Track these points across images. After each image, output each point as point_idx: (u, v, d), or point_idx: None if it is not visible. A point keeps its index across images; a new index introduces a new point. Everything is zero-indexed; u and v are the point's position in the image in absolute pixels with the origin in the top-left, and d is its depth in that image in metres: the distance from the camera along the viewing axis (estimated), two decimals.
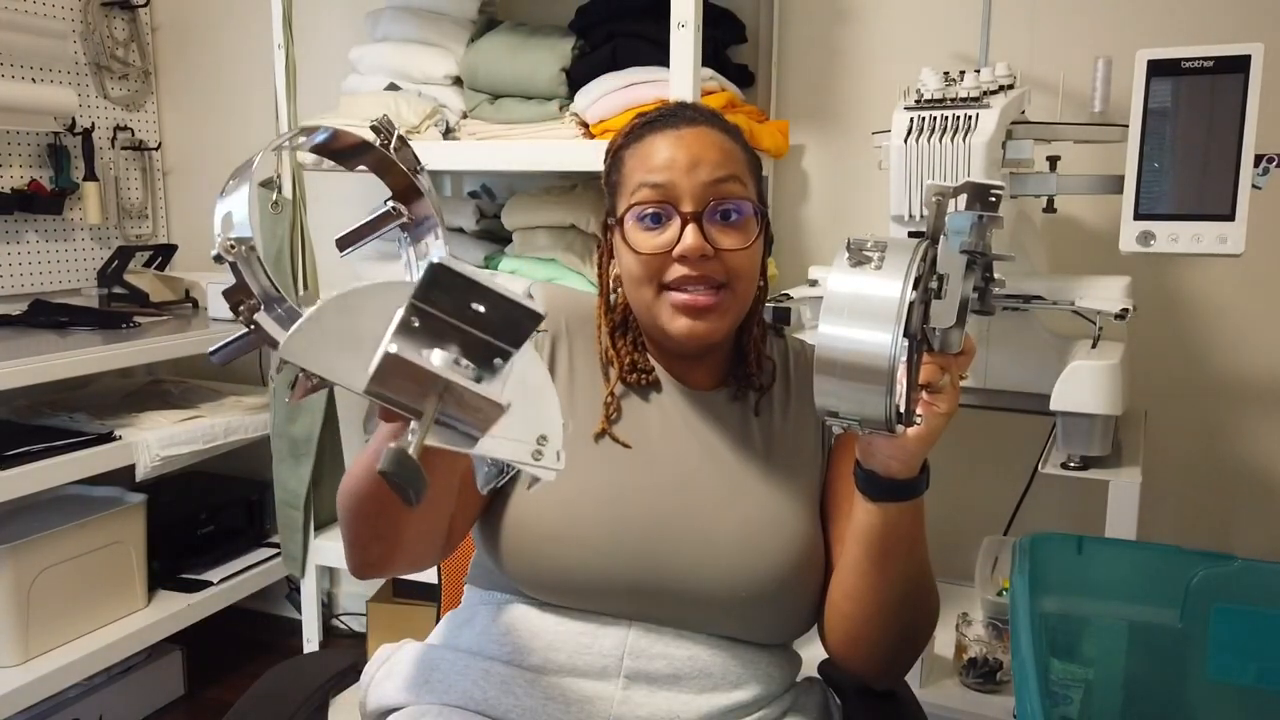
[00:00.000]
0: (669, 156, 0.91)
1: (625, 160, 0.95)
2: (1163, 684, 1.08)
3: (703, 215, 0.89)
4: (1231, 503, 1.68)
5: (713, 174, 0.90)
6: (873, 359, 0.65)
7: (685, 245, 0.88)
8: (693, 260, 0.89)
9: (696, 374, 0.99)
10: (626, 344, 0.98)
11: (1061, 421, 1.29)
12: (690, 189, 0.90)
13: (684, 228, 0.89)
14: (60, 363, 1.73)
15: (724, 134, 0.94)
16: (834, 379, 0.67)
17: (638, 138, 0.95)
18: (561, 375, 0.97)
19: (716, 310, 0.91)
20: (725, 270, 0.90)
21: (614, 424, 0.95)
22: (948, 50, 1.74)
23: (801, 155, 1.90)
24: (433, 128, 1.77)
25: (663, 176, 0.90)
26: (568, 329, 0.99)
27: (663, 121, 0.94)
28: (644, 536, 0.89)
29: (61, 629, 1.82)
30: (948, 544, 1.81)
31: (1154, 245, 1.23)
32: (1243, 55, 1.15)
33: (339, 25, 2.18)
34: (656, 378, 0.98)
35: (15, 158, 2.20)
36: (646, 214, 0.91)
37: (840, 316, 0.66)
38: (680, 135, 0.92)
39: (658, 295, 0.92)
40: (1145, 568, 1.08)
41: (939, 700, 1.39)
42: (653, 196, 0.90)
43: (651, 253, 0.90)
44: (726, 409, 0.99)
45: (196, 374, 2.40)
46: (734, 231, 0.91)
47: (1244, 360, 1.66)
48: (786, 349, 1.05)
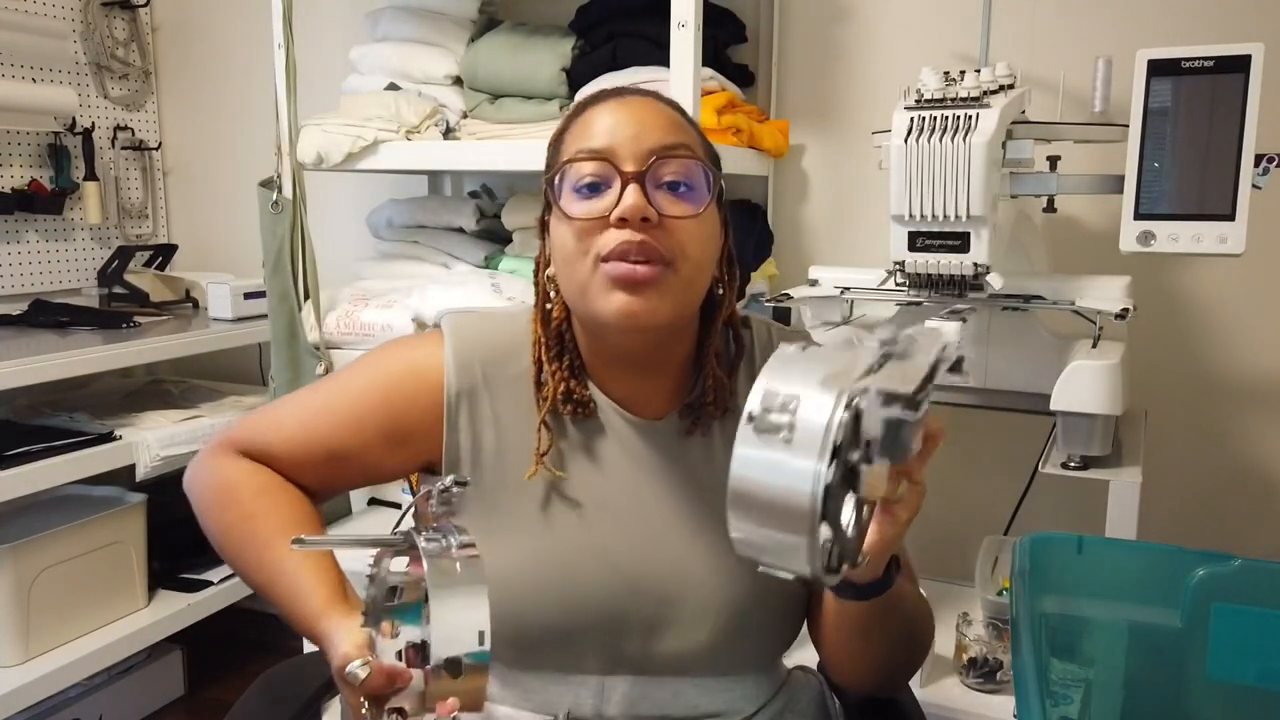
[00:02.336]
0: (610, 122, 0.81)
1: (564, 140, 0.85)
2: (1163, 684, 1.08)
3: (645, 175, 0.79)
4: (1231, 503, 1.68)
5: (661, 139, 0.80)
6: (793, 544, 0.52)
7: (624, 205, 0.78)
8: (633, 223, 0.78)
9: (645, 396, 0.89)
10: (561, 368, 0.87)
11: (1061, 421, 1.29)
12: (634, 152, 0.79)
13: (624, 188, 0.79)
14: (60, 363, 1.73)
15: (675, 109, 0.85)
16: (753, 543, 0.54)
17: (577, 114, 0.85)
18: (487, 436, 0.88)
19: (656, 286, 0.79)
20: (670, 242, 0.79)
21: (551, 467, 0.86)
22: (948, 50, 1.74)
23: (801, 155, 1.90)
24: (433, 128, 1.77)
25: (602, 141, 0.80)
26: (485, 376, 0.88)
27: (605, 94, 0.85)
28: (605, 594, 0.84)
29: (61, 629, 1.82)
30: (948, 544, 1.81)
31: (1154, 245, 1.23)
32: (1243, 55, 1.15)
33: (339, 25, 2.18)
34: (595, 409, 0.88)
35: (15, 158, 2.20)
36: (583, 182, 0.80)
37: (749, 512, 0.53)
38: (624, 102, 0.83)
39: (594, 269, 0.80)
40: (1145, 568, 1.08)
41: (939, 700, 1.39)
42: (590, 159, 0.80)
43: (587, 217, 0.80)
44: (681, 438, 0.89)
45: (196, 374, 2.40)
46: (683, 201, 0.81)
47: (1244, 360, 1.66)
48: (753, 345, 0.94)
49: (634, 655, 0.86)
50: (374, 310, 1.75)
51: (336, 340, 1.78)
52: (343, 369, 0.94)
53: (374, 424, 0.88)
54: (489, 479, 0.88)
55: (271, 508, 0.87)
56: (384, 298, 1.78)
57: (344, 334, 1.77)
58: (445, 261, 1.89)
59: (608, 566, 0.85)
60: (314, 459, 0.89)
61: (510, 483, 0.87)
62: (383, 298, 1.78)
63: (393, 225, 1.98)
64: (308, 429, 0.90)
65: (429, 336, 0.92)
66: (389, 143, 1.69)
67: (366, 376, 0.91)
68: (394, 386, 0.89)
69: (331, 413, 0.89)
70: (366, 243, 2.07)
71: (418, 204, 1.97)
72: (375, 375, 0.90)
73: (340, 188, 2.23)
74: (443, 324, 0.91)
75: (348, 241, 2.19)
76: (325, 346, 1.77)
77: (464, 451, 0.88)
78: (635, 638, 0.85)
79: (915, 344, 0.60)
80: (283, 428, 0.90)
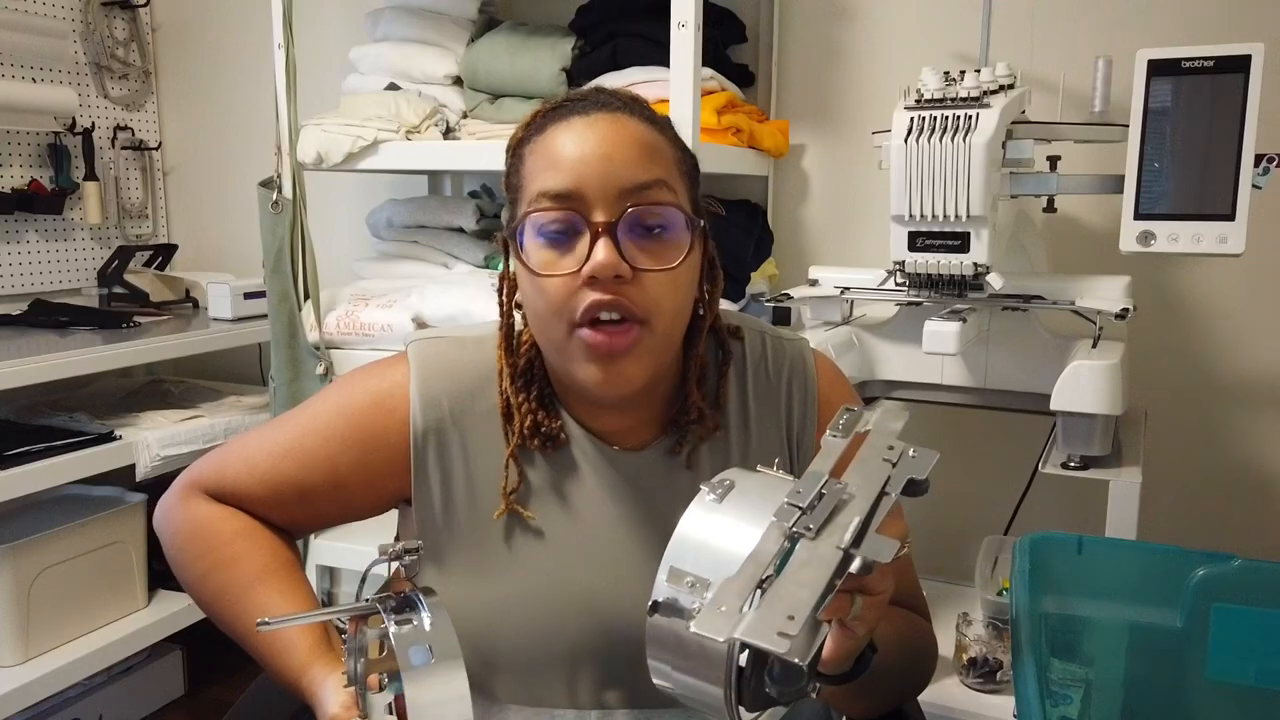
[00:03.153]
0: (576, 154, 0.73)
1: (525, 159, 0.77)
2: (1163, 684, 1.08)
3: (617, 227, 0.72)
4: (1231, 503, 1.68)
5: (633, 177, 0.73)
6: (708, 708, 0.56)
7: (595, 262, 0.71)
8: (604, 281, 0.72)
9: (624, 426, 0.84)
10: (529, 400, 0.82)
11: (1061, 421, 1.29)
12: (603, 195, 0.73)
13: (594, 242, 0.72)
14: (60, 363, 1.73)
15: (648, 125, 0.77)
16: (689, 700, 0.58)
17: (539, 129, 0.77)
18: (457, 473, 0.84)
19: (631, 352, 0.74)
20: (645, 299, 0.73)
21: (520, 503, 0.83)
22: (948, 50, 1.74)
23: (801, 155, 1.90)
24: (433, 128, 1.77)
25: (567, 181, 0.73)
26: (453, 412, 0.84)
27: (569, 108, 0.77)
28: (579, 632, 0.81)
29: (61, 629, 1.82)
30: (948, 544, 1.81)
31: (1154, 245, 1.23)
32: (1243, 55, 1.15)
33: (339, 25, 2.18)
34: (567, 441, 0.83)
35: (15, 158, 2.20)
36: (549, 229, 0.74)
37: (664, 664, 0.58)
38: (592, 124, 0.75)
39: (569, 335, 0.74)
40: (1145, 568, 1.08)
41: (939, 700, 1.39)
42: (555, 206, 0.73)
43: (554, 274, 0.73)
44: (663, 468, 0.84)
45: (196, 374, 2.40)
46: (659, 249, 0.74)
47: (1244, 360, 1.66)
48: (744, 358, 0.88)
49: (613, 690, 0.84)
50: (374, 310, 1.75)
51: (336, 340, 1.78)
52: (309, 401, 0.89)
53: (345, 462, 0.84)
54: (461, 517, 0.84)
55: (246, 554, 0.84)
56: (384, 298, 1.78)
57: (344, 334, 1.77)
58: (445, 261, 1.89)
59: (582, 604, 0.82)
60: (285, 499, 0.86)
61: (482, 520, 0.84)
62: (383, 298, 1.78)
63: (393, 225, 1.98)
64: (277, 470, 0.85)
65: (395, 366, 0.86)
66: (389, 143, 1.69)
67: (334, 413, 0.86)
68: (363, 424, 0.84)
69: (302, 452, 0.85)
70: (366, 243, 2.07)
71: (418, 204, 1.97)
72: (343, 411, 0.86)
73: (340, 188, 2.23)
74: (409, 352, 0.86)
75: (348, 241, 2.19)
76: (325, 346, 1.77)
77: (434, 490, 0.84)
78: (613, 673, 0.83)
79: (844, 492, 0.57)
80: (253, 468, 0.86)
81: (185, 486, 0.89)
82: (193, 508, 0.88)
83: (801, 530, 0.55)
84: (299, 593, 0.83)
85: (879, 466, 0.59)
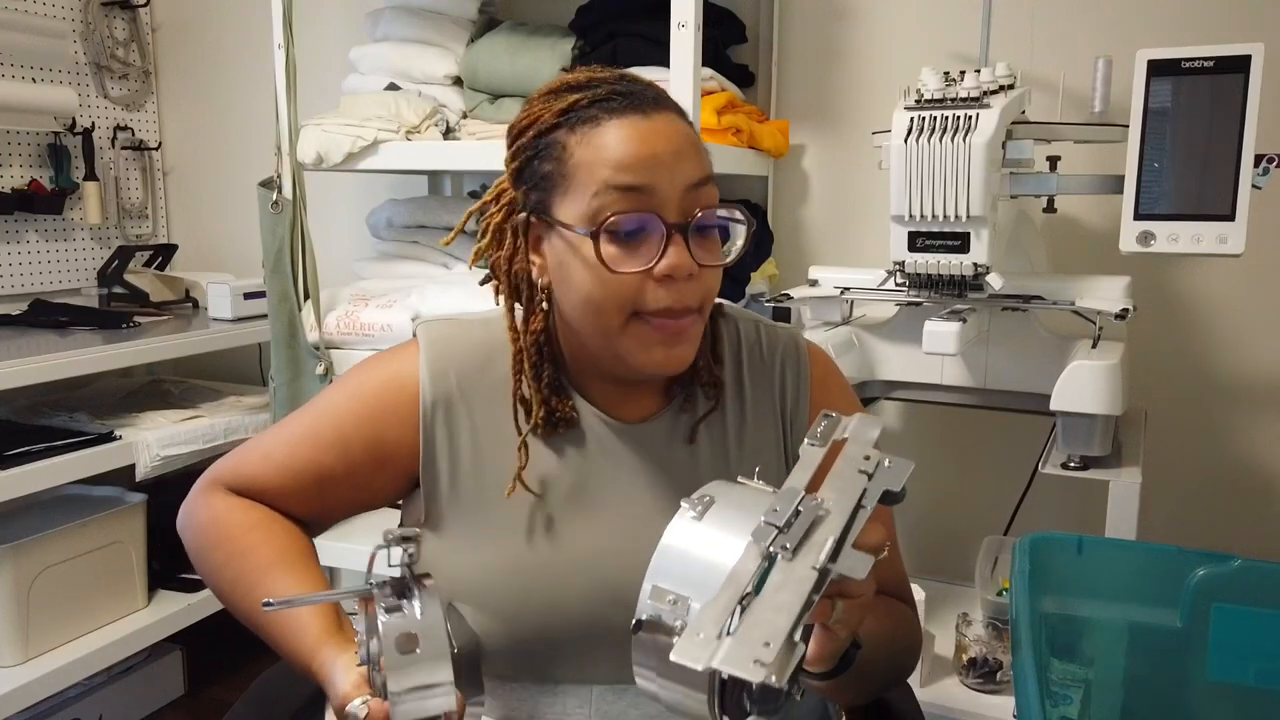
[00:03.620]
0: (647, 152, 0.75)
1: (570, 148, 0.77)
2: (1163, 684, 1.08)
3: (689, 228, 0.76)
4: (1231, 503, 1.68)
5: (694, 174, 0.76)
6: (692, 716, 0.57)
7: (672, 263, 0.75)
8: (680, 281, 0.75)
9: (630, 400, 0.87)
10: (541, 389, 0.84)
11: (1061, 421, 1.29)
12: (672, 193, 0.75)
13: (667, 243, 0.75)
14: (60, 363, 1.73)
15: (688, 124, 0.80)
16: None
17: (588, 120, 0.77)
18: (464, 445, 0.86)
19: (688, 337, 0.79)
20: (702, 291, 0.78)
21: (529, 476, 0.84)
22: (948, 50, 1.74)
23: (801, 155, 1.90)
24: (433, 128, 1.77)
25: (643, 178, 0.74)
26: (460, 386, 0.86)
27: (622, 102, 0.77)
28: (585, 601, 0.83)
29: (61, 629, 1.82)
30: (948, 544, 1.81)
31: (1154, 245, 1.23)
32: (1243, 55, 1.15)
33: (339, 25, 2.18)
34: (578, 419, 0.86)
35: (15, 158, 2.20)
36: (622, 226, 0.75)
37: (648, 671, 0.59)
38: (652, 124, 0.76)
39: (626, 324, 0.78)
40: (1145, 568, 1.08)
41: (939, 700, 1.39)
42: (631, 204, 0.75)
43: (629, 271, 0.75)
44: (665, 439, 0.87)
45: (196, 374, 2.40)
46: (710, 245, 0.79)
47: (1244, 360, 1.66)
48: (738, 336, 0.91)
49: (622, 665, 0.84)
50: (374, 310, 1.75)
51: (336, 340, 1.78)
52: (323, 392, 0.92)
53: (358, 443, 0.86)
54: (467, 488, 0.86)
55: (262, 543, 0.85)
56: (384, 298, 1.78)
57: (344, 334, 1.77)
58: (445, 261, 1.89)
59: (588, 576, 0.83)
60: (303, 486, 0.88)
61: (489, 493, 0.85)
62: (383, 298, 1.78)
63: (392, 225, 1.98)
64: (294, 456, 0.88)
65: (405, 349, 0.90)
66: (389, 143, 1.69)
67: (347, 395, 0.89)
68: (374, 403, 0.87)
69: (316, 437, 0.87)
70: (366, 243, 2.07)
71: (418, 204, 1.97)
72: (355, 394, 0.88)
73: (340, 188, 2.23)
74: (418, 333, 0.90)
75: (348, 241, 2.19)
76: (325, 346, 1.77)
77: (442, 461, 0.86)
78: (620, 646, 0.83)
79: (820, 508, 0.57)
80: (269, 458, 0.89)
81: (206, 482, 0.91)
82: (212, 501, 0.90)
83: (778, 549, 0.55)
84: (312, 579, 0.84)
85: (855, 479, 0.60)
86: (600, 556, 0.84)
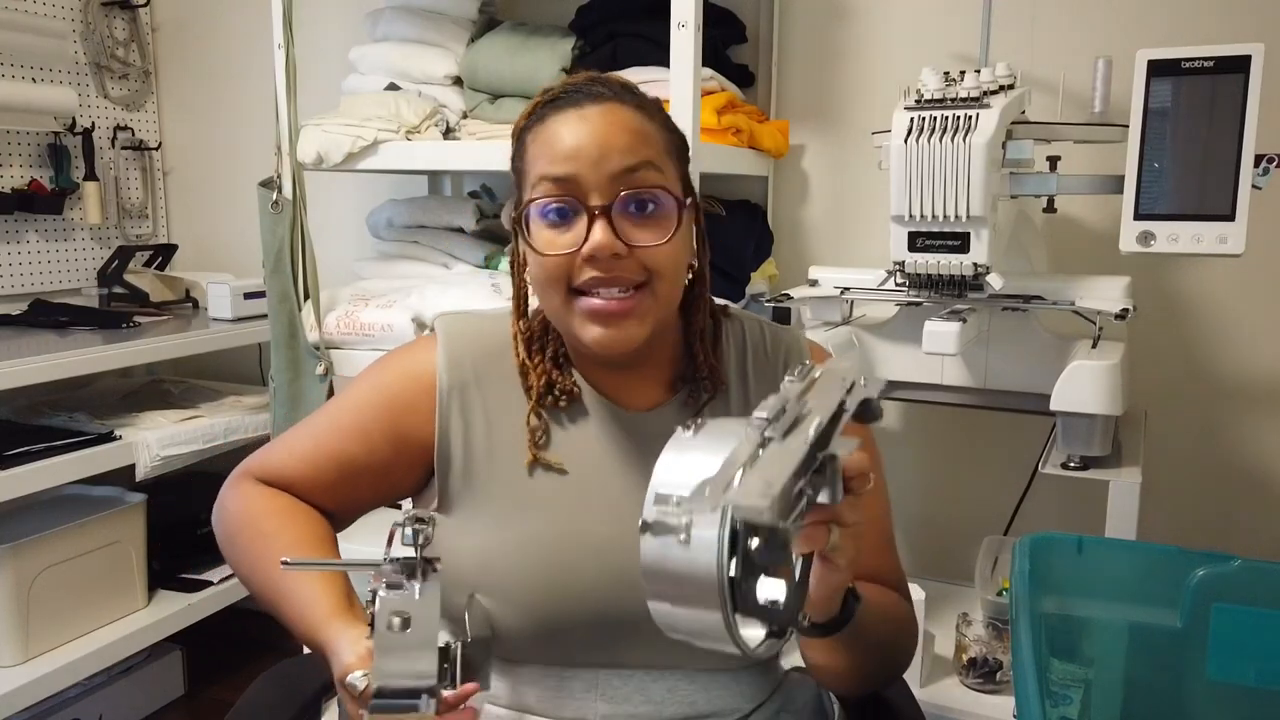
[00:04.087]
0: (572, 144, 0.81)
1: (527, 146, 0.85)
2: (1163, 684, 1.08)
3: (611, 209, 0.80)
4: (1231, 503, 1.68)
5: (623, 161, 0.80)
6: (712, 634, 0.58)
7: (593, 243, 0.79)
8: (603, 260, 0.80)
9: (634, 389, 0.91)
10: (544, 360, 0.90)
11: (1061, 421, 1.29)
12: (597, 180, 0.80)
13: (591, 224, 0.80)
14: (60, 363, 1.73)
15: (637, 111, 0.84)
16: (677, 631, 0.60)
17: (539, 119, 0.84)
18: (478, 430, 0.89)
19: (633, 315, 0.82)
20: (642, 269, 0.81)
21: (542, 451, 0.88)
22: (948, 50, 1.74)
23: (801, 155, 1.90)
24: (433, 128, 1.77)
25: (565, 168, 0.80)
26: (476, 373, 0.91)
27: (566, 99, 0.84)
28: (594, 581, 0.84)
29: (61, 629, 1.82)
30: (948, 544, 1.81)
31: (1154, 245, 1.23)
32: (1243, 55, 1.15)
33: (339, 25, 2.18)
34: (580, 397, 0.90)
35: (15, 158, 2.20)
36: (550, 210, 0.82)
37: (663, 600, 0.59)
38: (584, 116, 0.82)
39: (567, 301, 0.83)
40: (1145, 568, 1.08)
41: (939, 700, 1.39)
42: (555, 191, 0.81)
43: (556, 253, 0.81)
44: (669, 429, 0.90)
45: (196, 374, 2.40)
46: (651, 224, 0.82)
47: (1244, 360, 1.66)
48: (743, 335, 0.95)
49: (628, 649, 0.86)
50: (374, 310, 1.75)
51: (336, 340, 1.78)
52: (347, 386, 0.97)
53: (379, 432, 0.90)
54: (480, 472, 0.89)
55: (283, 527, 0.89)
56: (384, 298, 1.78)
57: (344, 334, 1.77)
58: (445, 261, 1.89)
59: (598, 559, 0.85)
60: (327, 476, 0.92)
61: (500, 476, 0.88)
62: (383, 298, 1.78)
63: (393, 225, 1.98)
64: (317, 448, 0.92)
65: (424, 340, 0.94)
66: (389, 143, 1.69)
67: (367, 388, 0.93)
68: (394, 393, 0.91)
69: (339, 428, 0.92)
70: (366, 243, 2.07)
71: (418, 204, 1.97)
72: (375, 385, 0.93)
73: (340, 188, 2.23)
74: (436, 325, 0.94)
75: (348, 241, 2.19)
76: (325, 346, 1.77)
77: (455, 444, 0.89)
78: (628, 631, 0.85)
79: (806, 406, 0.61)
80: (294, 450, 0.93)
81: (236, 475, 0.96)
82: (241, 490, 0.94)
83: (771, 435, 0.58)
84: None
85: (835, 388, 0.64)
86: (607, 541, 0.85)
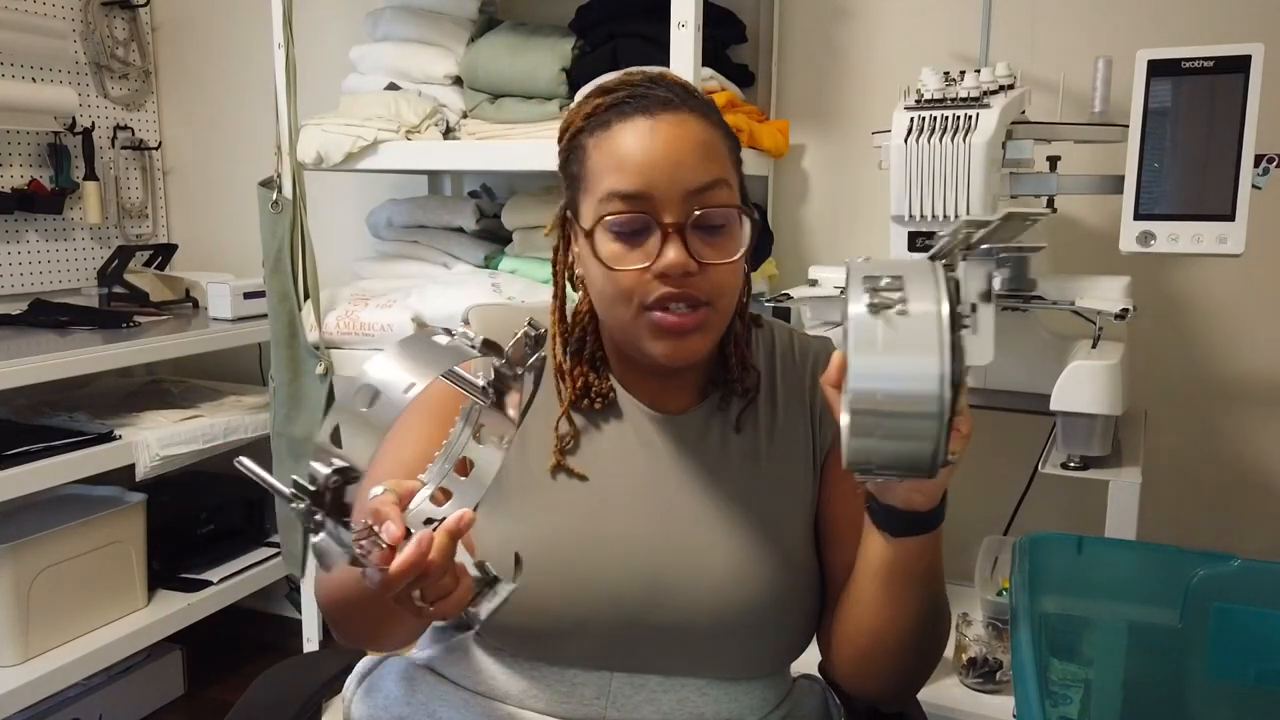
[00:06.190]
0: (644, 159, 0.79)
1: (589, 151, 0.83)
2: (1163, 684, 1.08)
3: (686, 227, 0.80)
4: (1231, 503, 1.68)
5: (697, 179, 0.80)
6: (923, 411, 0.61)
7: (667, 261, 0.79)
8: (675, 278, 0.80)
9: (668, 393, 0.91)
10: (582, 365, 0.90)
11: (1061, 421, 1.29)
12: (670, 197, 0.79)
13: (665, 242, 0.79)
14: (60, 363, 1.73)
15: (703, 120, 0.83)
16: (874, 439, 0.62)
17: (603, 124, 0.82)
18: None
19: (700, 329, 0.82)
20: (710, 286, 0.81)
21: (569, 456, 0.88)
22: (948, 50, 1.74)
23: (801, 155, 1.90)
24: (433, 128, 1.78)
25: (638, 184, 0.79)
26: None
27: (633, 106, 0.81)
28: (617, 583, 0.84)
29: (61, 629, 1.82)
30: (948, 544, 1.80)
31: (1154, 245, 1.23)
32: (1243, 55, 1.15)
33: (339, 25, 2.18)
34: (615, 400, 0.90)
35: (15, 157, 2.20)
36: (621, 226, 0.80)
37: (875, 373, 0.61)
38: (655, 127, 0.80)
39: (636, 316, 0.82)
40: (1145, 568, 1.08)
41: (939, 700, 1.38)
42: (627, 208, 0.80)
43: (627, 269, 0.80)
44: (700, 431, 0.91)
45: (196, 374, 2.40)
46: (721, 243, 0.82)
47: (1244, 360, 1.65)
48: (773, 341, 0.96)
49: (642, 652, 0.85)
50: (374, 310, 1.75)
51: (336, 340, 1.78)
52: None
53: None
54: (509, 466, 0.87)
55: None
56: (384, 298, 1.78)
57: (344, 334, 1.77)
58: (445, 261, 1.89)
59: (621, 558, 0.85)
60: None
61: (529, 468, 0.88)
62: (383, 298, 1.78)
63: (393, 225, 1.98)
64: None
65: None
66: (389, 143, 1.69)
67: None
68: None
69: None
70: (366, 243, 2.07)
71: (418, 204, 1.97)
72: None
73: (340, 188, 2.23)
74: (470, 317, 0.94)
75: (348, 241, 2.19)
76: (325, 346, 1.77)
77: None
78: (645, 632, 0.85)
79: None
80: None
81: None
82: None
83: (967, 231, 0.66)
84: None
85: None
86: (633, 541, 0.86)
